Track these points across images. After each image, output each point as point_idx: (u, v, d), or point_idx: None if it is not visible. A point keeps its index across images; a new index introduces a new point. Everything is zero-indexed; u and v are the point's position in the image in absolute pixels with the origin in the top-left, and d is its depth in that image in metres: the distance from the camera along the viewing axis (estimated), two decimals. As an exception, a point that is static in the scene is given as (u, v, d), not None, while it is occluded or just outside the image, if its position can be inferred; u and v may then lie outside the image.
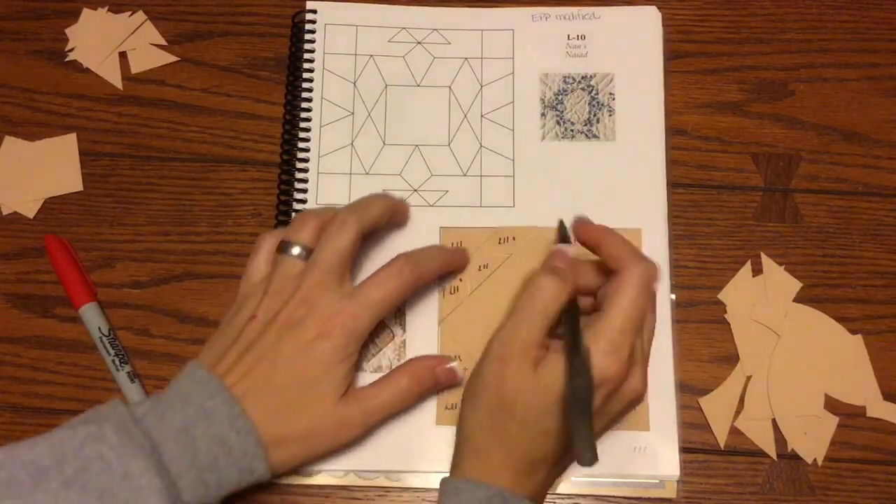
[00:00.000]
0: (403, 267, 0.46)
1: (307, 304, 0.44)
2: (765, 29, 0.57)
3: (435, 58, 0.55)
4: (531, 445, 0.42)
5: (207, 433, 0.41)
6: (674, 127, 0.55)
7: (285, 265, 0.46)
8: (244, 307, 0.46)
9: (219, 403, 0.42)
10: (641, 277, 0.43)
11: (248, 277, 0.47)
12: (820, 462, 0.49)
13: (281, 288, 0.45)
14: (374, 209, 0.47)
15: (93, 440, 0.39)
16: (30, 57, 0.56)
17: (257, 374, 0.43)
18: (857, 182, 0.54)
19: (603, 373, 0.41)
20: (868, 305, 0.52)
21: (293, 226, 0.47)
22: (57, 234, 0.52)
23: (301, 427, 0.44)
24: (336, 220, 0.45)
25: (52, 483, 0.38)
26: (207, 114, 0.55)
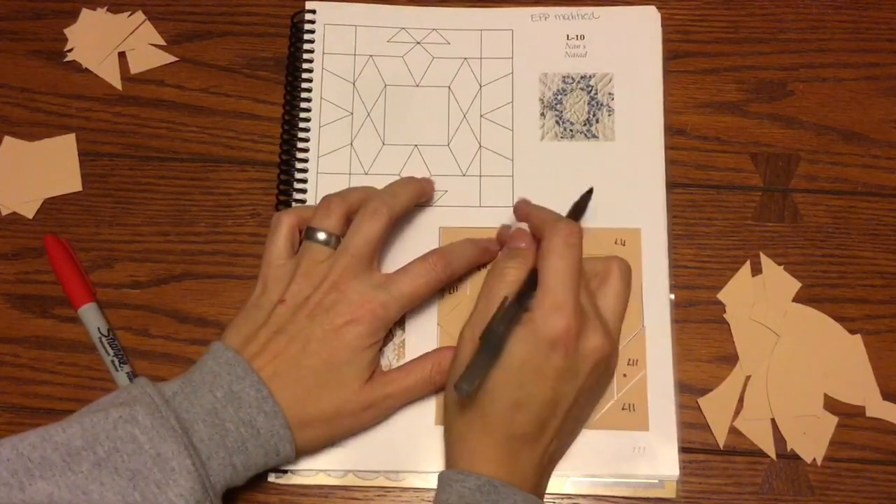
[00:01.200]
0: (437, 263, 0.47)
1: (338, 290, 0.45)
2: (764, 29, 0.57)
3: (434, 58, 0.55)
4: (506, 422, 0.42)
5: (236, 416, 0.42)
6: (673, 127, 0.55)
7: (313, 250, 0.46)
8: (270, 290, 0.46)
9: (247, 386, 0.43)
10: (561, 234, 0.44)
11: (269, 260, 0.48)
12: (819, 462, 0.49)
13: (310, 272, 0.46)
14: (404, 196, 0.49)
15: (124, 422, 0.40)
16: (29, 57, 0.56)
17: (287, 356, 0.44)
18: (857, 182, 0.54)
19: (553, 330, 0.42)
20: (867, 305, 0.52)
21: (319, 211, 0.47)
22: (56, 234, 0.52)
23: (327, 409, 0.44)
24: (368, 209, 0.46)
25: (84, 464, 0.39)
26: (206, 114, 0.55)
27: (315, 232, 0.47)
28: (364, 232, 0.46)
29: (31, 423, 0.50)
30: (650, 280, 0.51)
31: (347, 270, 0.45)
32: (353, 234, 0.46)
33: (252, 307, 0.47)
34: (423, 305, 0.51)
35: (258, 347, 0.44)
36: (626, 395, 0.49)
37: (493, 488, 0.41)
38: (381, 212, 0.46)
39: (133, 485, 0.39)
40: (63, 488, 0.39)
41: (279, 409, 0.43)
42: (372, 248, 0.46)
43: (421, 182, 0.51)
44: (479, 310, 0.45)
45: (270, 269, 0.47)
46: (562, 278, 0.43)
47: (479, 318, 0.44)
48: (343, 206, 0.47)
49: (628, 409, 0.49)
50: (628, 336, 0.50)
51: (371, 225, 0.46)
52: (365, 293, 0.45)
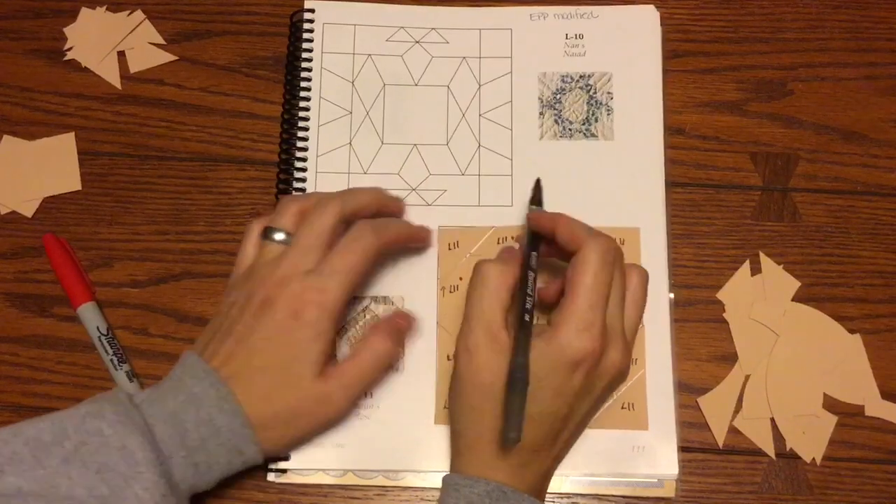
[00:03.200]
0: (364, 230, 0.45)
1: (280, 285, 0.44)
2: (763, 28, 0.57)
3: (433, 57, 0.55)
4: None
5: (196, 416, 0.42)
6: (672, 126, 0.55)
7: (267, 250, 0.46)
8: (231, 294, 0.46)
9: (207, 387, 0.43)
10: (599, 251, 0.43)
11: (237, 265, 0.48)
12: (818, 461, 0.49)
13: (260, 272, 0.45)
14: (360, 197, 0.48)
15: (92, 417, 0.40)
16: (28, 56, 0.56)
17: (238, 358, 0.44)
18: (856, 181, 0.54)
19: (579, 352, 0.41)
20: (866, 304, 0.52)
21: (276, 211, 0.47)
22: (55, 233, 0.52)
23: (283, 408, 0.44)
24: (319, 204, 0.46)
25: (54, 459, 0.39)
26: (206, 113, 0.55)
27: (271, 231, 0.46)
28: (312, 227, 0.45)
29: (30, 423, 0.50)
30: (650, 279, 0.51)
31: (293, 265, 0.44)
32: (301, 229, 0.46)
33: (216, 314, 0.47)
34: (423, 305, 0.51)
35: (212, 351, 0.44)
36: (626, 394, 0.49)
37: (502, 494, 0.41)
38: (331, 207, 0.45)
39: (100, 478, 0.39)
40: (32, 482, 0.39)
41: (238, 407, 0.42)
42: (320, 240, 0.45)
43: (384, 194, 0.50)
44: (469, 315, 0.44)
45: (234, 275, 0.48)
46: (593, 297, 0.42)
47: (469, 326, 0.43)
48: (298, 205, 0.47)
49: (628, 408, 0.49)
50: (627, 335, 0.50)
51: (320, 220, 0.45)
52: (304, 282, 0.44)
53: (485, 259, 0.45)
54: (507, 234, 0.52)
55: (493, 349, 0.42)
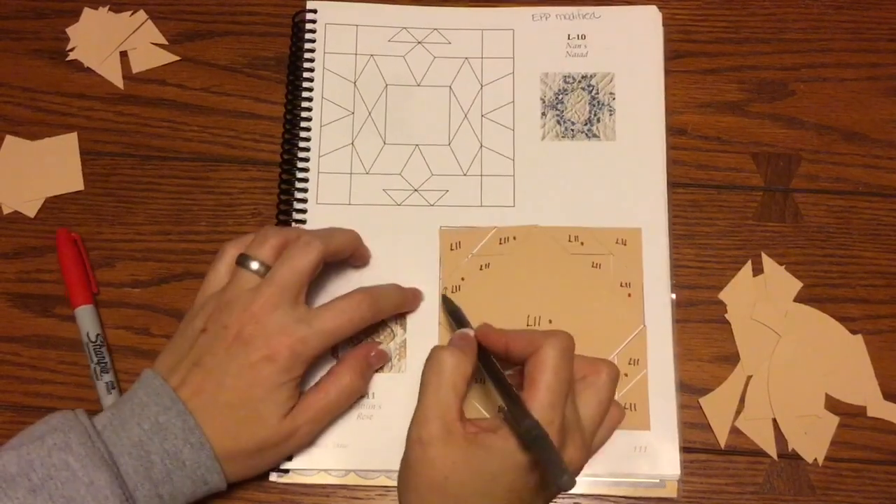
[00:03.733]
0: (362, 302, 0.45)
1: (256, 322, 0.43)
2: (765, 29, 0.57)
3: (435, 57, 0.55)
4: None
5: (161, 448, 0.41)
6: (674, 126, 0.55)
7: (241, 278, 0.45)
8: (198, 317, 0.45)
9: (173, 417, 0.42)
10: (558, 348, 0.41)
11: (205, 287, 0.47)
12: (820, 462, 0.49)
13: (232, 302, 0.44)
14: (340, 239, 0.47)
15: (59, 450, 0.40)
16: (30, 56, 0.56)
17: (206, 390, 0.43)
18: (858, 182, 0.54)
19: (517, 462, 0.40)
20: (868, 305, 0.52)
21: (255, 240, 0.46)
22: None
23: (249, 443, 0.44)
24: (300, 241, 0.45)
25: (20, 490, 0.39)
26: (208, 113, 0.55)
27: (247, 260, 0.45)
28: (292, 264, 0.44)
29: (32, 422, 0.50)
30: (651, 280, 0.51)
31: (270, 301, 0.43)
32: (281, 264, 0.44)
33: (179, 335, 0.46)
34: (425, 306, 0.51)
35: (180, 379, 0.43)
36: (628, 394, 0.49)
37: None
38: (314, 245, 0.45)
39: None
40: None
41: (205, 440, 0.42)
42: (299, 280, 0.44)
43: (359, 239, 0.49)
44: (423, 405, 0.42)
45: (201, 296, 0.47)
46: (553, 396, 0.40)
47: (424, 415, 0.41)
48: (279, 238, 0.45)
49: (629, 408, 0.49)
50: (629, 336, 0.50)
51: (301, 257, 0.44)
52: (285, 327, 0.43)
53: (440, 346, 0.44)
54: (508, 235, 0.52)
55: (448, 442, 0.40)
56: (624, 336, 0.50)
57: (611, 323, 0.50)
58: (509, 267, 0.51)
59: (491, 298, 0.51)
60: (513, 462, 0.40)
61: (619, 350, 0.50)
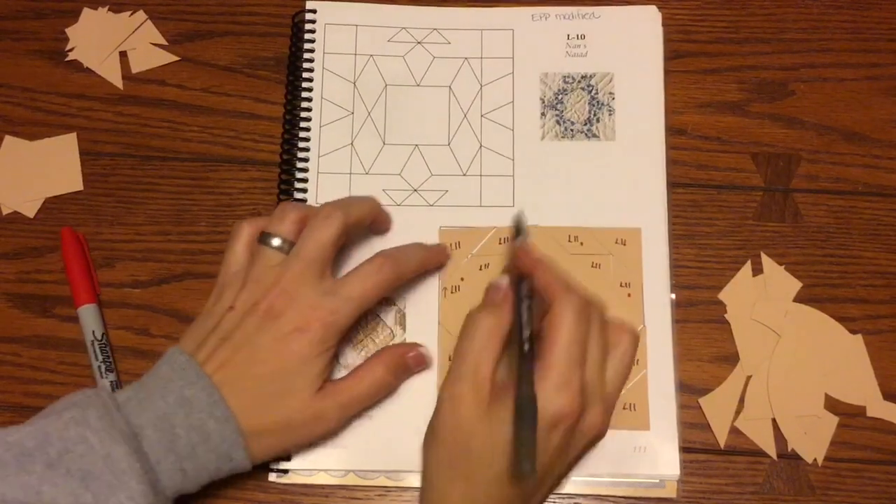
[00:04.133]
0: (384, 265, 0.45)
1: (286, 296, 0.44)
2: (765, 29, 0.57)
3: (435, 57, 0.55)
4: (490, 489, 0.41)
5: (186, 421, 0.42)
6: (674, 126, 0.55)
7: (265, 256, 0.45)
8: (223, 296, 0.46)
9: (198, 391, 0.42)
10: (573, 308, 0.42)
11: (226, 266, 0.47)
12: (820, 462, 0.49)
13: (260, 278, 0.45)
14: (359, 208, 0.48)
15: (76, 423, 0.40)
16: (30, 56, 0.56)
17: (235, 363, 0.43)
18: (858, 182, 0.54)
19: (557, 410, 0.40)
20: (868, 305, 0.52)
21: (274, 217, 0.46)
22: (57, 234, 0.52)
23: (277, 419, 0.43)
24: (321, 214, 0.45)
25: (37, 464, 0.39)
26: (207, 113, 0.55)
27: (268, 237, 0.45)
28: (316, 237, 0.45)
29: (32, 423, 0.50)
30: (651, 280, 0.51)
31: (298, 276, 0.44)
32: (305, 238, 0.45)
33: (206, 313, 0.46)
34: (424, 306, 0.51)
35: (207, 354, 0.43)
36: (627, 394, 0.49)
37: None
38: (335, 216, 0.45)
39: (85, 485, 0.39)
40: (16, 488, 0.38)
41: (230, 414, 0.42)
42: (324, 253, 0.45)
43: (379, 204, 0.50)
44: (457, 362, 0.42)
45: (226, 275, 0.46)
46: (569, 355, 0.41)
47: (457, 374, 0.42)
48: (298, 213, 0.46)
49: (629, 408, 0.49)
50: (629, 336, 0.50)
51: (324, 230, 0.45)
52: (313, 299, 0.44)
53: (477, 309, 0.44)
54: (507, 235, 0.52)
55: (476, 402, 0.41)
56: (623, 336, 0.50)
57: (610, 323, 0.50)
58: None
59: (490, 299, 0.51)
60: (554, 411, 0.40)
61: (618, 350, 0.50)
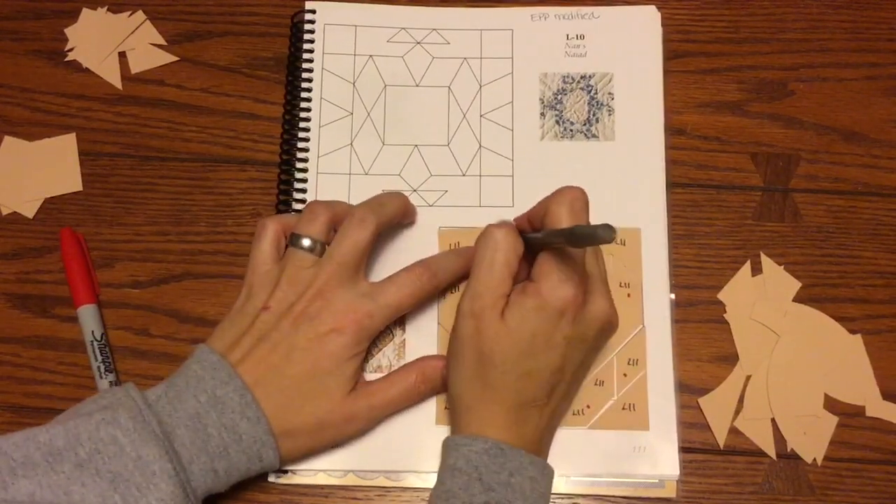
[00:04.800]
0: (423, 274, 0.46)
1: (323, 298, 0.44)
2: (764, 29, 0.57)
3: (434, 58, 0.55)
4: (517, 390, 0.43)
5: (219, 421, 0.42)
6: (673, 126, 0.55)
7: (298, 257, 0.46)
8: (255, 295, 0.46)
9: (231, 391, 0.42)
10: (565, 202, 0.43)
11: (255, 265, 0.47)
12: (819, 462, 0.49)
13: (294, 279, 0.45)
14: (391, 207, 0.48)
15: (106, 424, 0.40)
16: (29, 57, 0.56)
17: (270, 363, 0.43)
18: (857, 182, 0.54)
19: (560, 300, 0.42)
20: (867, 305, 0.52)
21: (304, 217, 0.47)
22: (56, 234, 0.52)
23: (309, 419, 0.44)
24: (355, 216, 0.46)
25: (66, 465, 0.39)
26: (207, 114, 0.55)
27: (299, 238, 0.46)
28: (351, 239, 0.45)
29: (32, 423, 0.49)
30: (650, 280, 0.51)
31: (333, 278, 0.45)
32: (339, 241, 0.45)
33: (237, 313, 0.46)
34: (424, 306, 0.51)
35: (241, 354, 0.44)
36: (627, 394, 0.49)
37: (500, 451, 0.42)
38: (369, 220, 0.45)
39: (114, 487, 0.39)
40: (45, 488, 0.38)
41: (262, 415, 0.42)
42: (359, 255, 0.45)
43: (408, 199, 0.50)
44: (477, 279, 0.44)
45: (255, 274, 0.47)
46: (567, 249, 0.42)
47: (476, 290, 0.43)
48: (328, 213, 0.46)
49: (628, 408, 0.49)
50: (628, 336, 0.50)
51: (358, 232, 0.45)
52: (350, 302, 0.44)
53: (494, 224, 0.45)
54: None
55: (496, 315, 0.43)
56: (623, 336, 0.50)
57: (610, 323, 0.50)
58: (508, 267, 0.51)
59: (490, 299, 0.51)
60: (540, 316, 0.42)
61: (618, 350, 0.50)
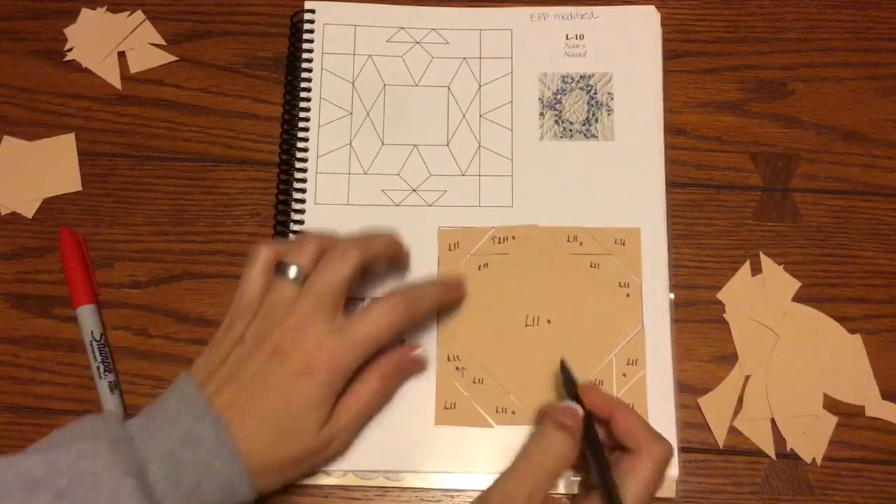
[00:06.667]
0: (398, 305, 0.44)
1: (295, 333, 0.43)
2: (764, 28, 0.57)
3: (433, 57, 0.55)
4: None
5: (193, 458, 0.41)
6: (672, 126, 0.55)
7: (279, 288, 0.44)
8: (234, 326, 0.45)
9: (205, 426, 0.41)
10: (657, 462, 0.42)
11: (240, 293, 0.46)
12: (819, 462, 0.49)
13: (271, 312, 0.44)
14: (379, 244, 0.47)
15: (85, 456, 0.39)
16: (28, 57, 0.56)
17: (242, 401, 0.42)
18: (856, 181, 0.54)
19: None
20: (867, 305, 0.52)
21: (293, 247, 0.45)
22: (55, 234, 0.52)
23: (284, 456, 0.43)
24: (338, 249, 0.44)
25: (43, 495, 0.38)
26: (206, 113, 0.55)
27: (286, 267, 0.45)
28: (331, 273, 0.44)
29: (31, 423, 0.50)
30: (650, 280, 0.51)
31: (308, 312, 0.43)
32: (319, 273, 0.44)
33: (216, 342, 0.45)
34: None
35: (215, 388, 0.43)
36: (626, 394, 0.49)
37: None
38: (352, 254, 0.44)
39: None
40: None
41: (237, 453, 0.41)
42: (337, 290, 0.44)
43: (399, 240, 0.49)
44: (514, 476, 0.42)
45: (239, 302, 0.46)
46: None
47: (512, 491, 0.41)
48: (318, 245, 0.45)
49: (628, 408, 0.49)
50: (627, 336, 0.50)
51: (339, 266, 0.44)
52: (323, 339, 0.43)
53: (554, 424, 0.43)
54: (507, 235, 0.52)
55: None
56: (622, 336, 0.50)
57: (609, 323, 0.50)
58: (508, 267, 0.51)
59: (489, 299, 0.51)
60: None
61: (617, 350, 0.50)
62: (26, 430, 0.50)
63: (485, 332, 0.50)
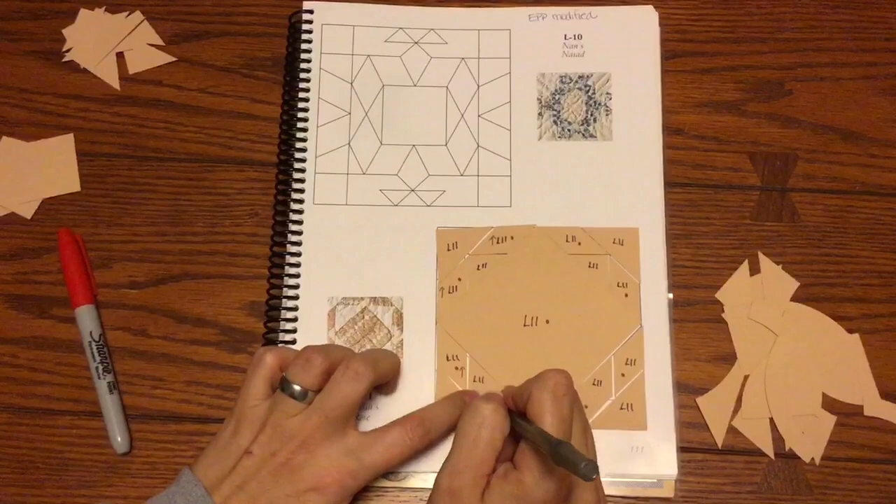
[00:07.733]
0: (414, 431, 0.45)
1: (307, 451, 0.43)
2: (762, 28, 0.57)
3: (432, 58, 0.55)
4: None
5: None
6: (671, 126, 0.55)
7: (285, 404, 0.44)
8: (240, 434, 0.44)
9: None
10: (548, 388, 0.41)
11: (245, 398, 0.45)
12: (817, 461, 0.49)
13: (280, 426, 0.43)
14: (386, 365, 0.47)
15: None
16: (27, 57, 0.56)
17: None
18: (854, 181, 0.54)
19: (542, 494, 0.40)
20: (865, 304, 0.52)
21: (298, 363, 0.45)
22: (54, 234, 0.52)
23: None
24: (350, 369, 0.44)
25: None
26: (204, 114, 0.55)
27: (290, 385, 0.44)
28: (343, 393, 0.44)
29: (30, 424, 0.50)
30: (648, 280, 0.51)
31: (319, 431, 0.43)
32: (330, 393, 0.44)
33: (223, 448, 0.44)
34: (422, 306, 0.51)
35: (222, 499, 0.42)
36: (625, 394, 0.49)
37: None
38: (364, 375, 0.44)
39: None
40: None
41: None
42: (349, 409, 0.44)
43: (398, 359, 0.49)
44: (459, 455, 0.42)
45: (244, 408, 0.45)
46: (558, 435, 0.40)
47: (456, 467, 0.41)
48: (325, 363, 0.44)
49: (626, 408, 0.49)
50: (626, 336, 0.50)
51: (353, 386, 0.44)
52: (334, 459, 0.43)
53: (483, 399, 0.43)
54: (505, 235, 0.52)
55: (476, 495, 0.41)
56: (621, 336, 0.50)
57: (608, 323, 0.50)
58: (506, 267, 0.51)
59: (488, 299, 0.51)
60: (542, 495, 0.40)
61: (616, 350, 0.50)
62: (25, 430, 0.50)
63: (484, 332, 0.50)
